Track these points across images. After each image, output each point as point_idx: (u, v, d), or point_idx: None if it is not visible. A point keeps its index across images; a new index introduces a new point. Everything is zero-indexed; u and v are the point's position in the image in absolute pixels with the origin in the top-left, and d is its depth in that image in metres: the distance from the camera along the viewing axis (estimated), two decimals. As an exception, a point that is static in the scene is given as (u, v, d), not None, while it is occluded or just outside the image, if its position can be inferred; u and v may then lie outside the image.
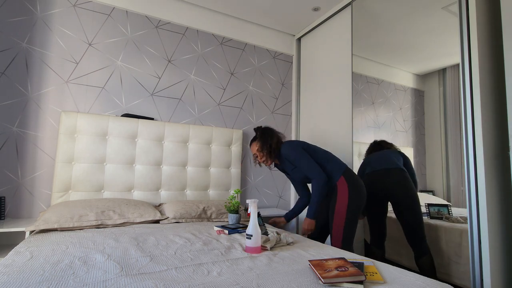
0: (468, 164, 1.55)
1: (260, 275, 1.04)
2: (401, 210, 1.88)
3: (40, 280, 0.91)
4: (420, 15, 1.96)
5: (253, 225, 1.35)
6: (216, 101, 2.79)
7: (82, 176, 2.09)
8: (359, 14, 2.44)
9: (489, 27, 1.62)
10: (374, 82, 2.29)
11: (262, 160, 1.96)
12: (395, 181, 1.92)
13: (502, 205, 1.54)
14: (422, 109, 1.97)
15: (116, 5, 2.40)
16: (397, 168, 1.94)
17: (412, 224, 1.83)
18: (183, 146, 2.49)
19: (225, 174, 2.65)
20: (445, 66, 1.83)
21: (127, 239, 1.46)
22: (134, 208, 1.93)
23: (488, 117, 1.55)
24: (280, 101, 3.15)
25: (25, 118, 2.06)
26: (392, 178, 1.94)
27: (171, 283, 0.93)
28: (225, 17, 2.88)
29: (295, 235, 1.75)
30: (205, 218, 2.13)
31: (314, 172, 1.79)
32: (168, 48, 2.60)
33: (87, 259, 1.13)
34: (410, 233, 1.83)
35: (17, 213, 2.00)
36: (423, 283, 1.01)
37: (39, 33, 2.14)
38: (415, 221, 1.82)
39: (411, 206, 1.84)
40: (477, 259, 1.48)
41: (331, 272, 1.00)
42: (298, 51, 3.24)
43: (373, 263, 1.22)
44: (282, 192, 3.09)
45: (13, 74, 2.05)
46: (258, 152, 1.96)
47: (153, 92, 2.51)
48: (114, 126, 2.22)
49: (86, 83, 2.26)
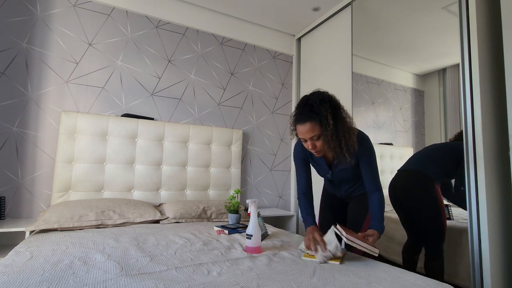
0: (468, 164, 1.55)
1: (260, 275, 1.04)
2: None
3: (40, 280, 0.91)
4: (420, 15, 1.96)
5: (253, 225, 1.35)
6: (216, 101, 2.79)
7: (82, 176, 2.09)
8: (359, 14, 2.44)
9: (489, 27, 1.62)
10: (374, 82, 2.29)
11: (317, 151, 1.34)
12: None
13: (502, 205, 1.54)
14: (422, 109, 1.97)
15: (116, 5, 2.40)
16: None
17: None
18: (183, 146, 2.49)
19: (225, 174, 2.65)
20: (445, 66, 1.83)
21: (127, 239, 1.46)
22: (134, 208, 1.93)
23: (488, 117, 1.55)
24: (280, 101, 3.15)
25: (25, 118, 2.06)
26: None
27: (171, 283, 0.93)
28: (225, 17, 2.88)
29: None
30: (205, 218, 2.13)
31: (379, 180, 1.41)
32: (168, 48, 2.60)
33: (87, 259, 1.13)
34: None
35: (17, 213, 2.00)
36: (423, 283, 1.01)
37: (39, 33, 2.14)
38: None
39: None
40: (477, 259, 1.48)
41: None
42: (298, 51, 3.24)
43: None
44: (282, 192, 3.09)
45: (13, 74, 2.05)
46: (321, 140, 1.29)
47: (153, 92, 2.51)
48: (114, 126, 2.22)
49: (86, 83, 2.26)
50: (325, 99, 1.29)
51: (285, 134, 3.16)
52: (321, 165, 1.51)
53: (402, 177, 1.94)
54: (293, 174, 3.13)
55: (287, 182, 3.12)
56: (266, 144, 3.03)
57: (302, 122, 1.28)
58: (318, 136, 1.28)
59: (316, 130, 1.26)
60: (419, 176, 1.85)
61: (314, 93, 1.35)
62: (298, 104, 1.36)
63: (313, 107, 1.27)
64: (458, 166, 1.65)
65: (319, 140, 1.29)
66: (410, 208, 1.88)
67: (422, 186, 1.83)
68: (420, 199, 1.82)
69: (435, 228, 1.75)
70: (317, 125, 1.26)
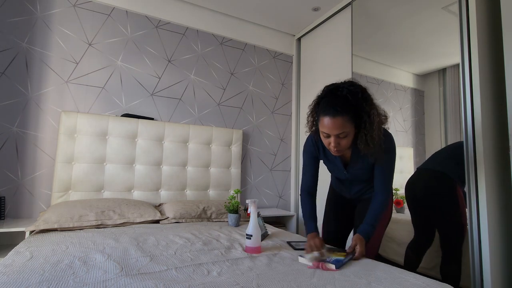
0: (468, 164, 1.55)
1: (260, 275, 1.04)
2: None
3: (40, 280, 0.91)
4: (420, 15, 1.96)
5: (253, 225, 1.35)
6: (216, 101, 2.79)
7: (82, 176, 2.09)
8: (359, 14, 2.44)
9: (489, 27, 1.62)
10: (374, 82, 2.29)
11: (339, 150, 1.18)
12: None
13: (502, 205, 1.54)
14: (422, 109, 1.97)
15: (116, 5, 2.40)
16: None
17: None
18: (183, 146, 2.49)
19: (225, 174, 2.65)
20: (445, 66, 1.83)
21: (127, 239, 1.46)
22: (134, 208, 1.93)
23: (488, 117, 1.55)
24: (280, 101, 3.15)
25: (25, 118, 2.06)
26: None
27: (171, 283, 0.93)
28: (225, 17, 2.88)
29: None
30: (205, 218, 2.13)
31: (391, 186, 1.32)
32: (168, 48, 2.60)
33: (87, 259, 1.13)
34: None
35: (17, 213, 2.00)
36: (423, 283, 1.00)
37: (39, 33, 2.14)
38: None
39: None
40: (477, 259, 1.48)
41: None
42: (298, 51, 3.24)
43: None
44: (282, 192, 3.09)
45: (13, 74, 2.05)
46: (348, 139, 1.15)
47: (153, 92, 2.51)
48: (114, 126, 2.22)
49: (86, 83, 2.26)
50: (360, 91, 1.11)
51: (285, 134, 3.16)
52: (336, 163, 1.39)
53: (424, 177, 1.87)
54: (293, 174, 3.13)
55: (287, 182, 3.12)
56: (266, 144, 3.03)
57: (332, 116, 1.10)
58: (347, 133, 1.13)
59: (347, 127, 1.11)
60: (443, 178, 1.77)
61: (346, 82, 1.17)
62: (326, 92, 1.18)
63: (348, 99, 1.10)
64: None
65: (346, 138, 1.14)
66: (429, 209, 1.82)
67: (445, 189, 1.75)
68: (443, 202, 1.75)
69: (455, 231, 1.69)
70: (350, 122, 1.11)
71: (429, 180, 1.85)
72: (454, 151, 1.74)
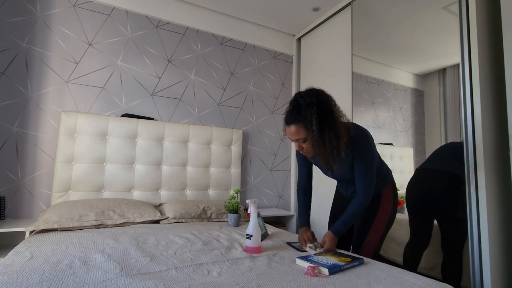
0: (468, 164, 1.55)
1: (260, 275, 1.04)
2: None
3: (40, 280, 0.91)
4: (420, 15, 1.96)
5: (253, 225, 1.35)
6: (216, 101, 2.79)
7: (82, 176, 2.09)
8: (359, 14, 2.44)
9: (489, 27, 1.62)
10: (374, 82, 2.29)
11: (305, 153, 1.33)
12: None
13: (502, 205, 1.54)
14: (422, 109, 1.97)
15: (116, 5, 2.40)
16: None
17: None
18: (183, 146, 2.49)
19: (225, 174, 2.65)
20: (445, 66, 1.83)
21: (127, 239, 1.46)
22: (134, 208, 1.93)
23: (488, 117, 1.55)
24: (280, 101, 3.15)
25: (25, 118, 2.06)
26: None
27: (171, 283, 0.93)
28: (225, 17, 2.88)
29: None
30: (205, 218, 2.13)
31: (372, 185, 1.36)
32: (168, 48, 2.60)
33: (87, 259, 1.13)
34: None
35: (17, 213, 2.00)
36: (423, 283, 1.01)
37: (39, 33, 2.14)
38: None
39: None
40: (477, 259, 1.48)
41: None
42: (298, 51, 3.24)
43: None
44: (282, 192, 3.09)
45: (13, 74, 2.05)
46: (307, 143, 1.27)
47: (153, 92, 2.51)
48: (114, 126, 2.22)
49: (86, 83, 2.26)
50: (314, 102, 1.22)
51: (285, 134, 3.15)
52: (320, 164, 1.49)
53: (429, 177, 1.84)
54: (293, 174, 3.13)
55: (287, 182, 3.12)
56: (266, 144, 3.03)
57: (288, 124, 1.28)
58: (304, 139, 1.27)
59: (301, 134, 1.25)
60: (450, 176, 1.73)
61: (307, 92, 1.29)
62: (290, 102, 1.33)
63: (301, 109, 1.23)
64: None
65: (305, 143, 1.28)
66: (431, 210, 1.79)
67: (453, 187, 1.71)
68: (451, 201, 1.71)
69: (460, 231, 1.66)
70: (302, 129, 1.23)
71: (436, 180, 1.81)
72: (455, 151, 1.73)
